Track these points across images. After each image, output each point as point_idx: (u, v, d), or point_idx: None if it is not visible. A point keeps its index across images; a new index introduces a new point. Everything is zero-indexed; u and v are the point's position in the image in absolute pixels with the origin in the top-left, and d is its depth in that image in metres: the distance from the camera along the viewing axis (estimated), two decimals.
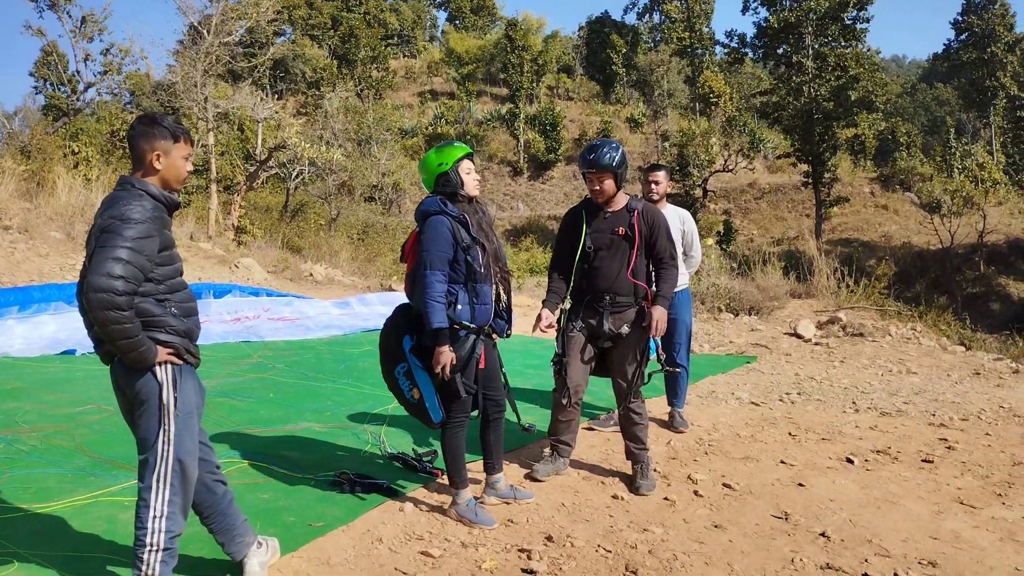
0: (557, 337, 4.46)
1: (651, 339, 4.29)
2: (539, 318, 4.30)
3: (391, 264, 20.12)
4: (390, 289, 13.91)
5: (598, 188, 4.25)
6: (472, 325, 3.74)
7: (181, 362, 2.83)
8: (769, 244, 32.39)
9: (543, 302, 4.45)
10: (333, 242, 21.41)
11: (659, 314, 4.20)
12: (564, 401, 4.40)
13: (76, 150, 18.40)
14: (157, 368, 2.76)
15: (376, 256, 21.44)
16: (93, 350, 2.92)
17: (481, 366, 3.84)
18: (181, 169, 2.89)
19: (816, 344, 9.71)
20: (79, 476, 4.18)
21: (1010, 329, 15.87)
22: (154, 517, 2.78)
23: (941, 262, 29.12)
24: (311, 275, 14.92)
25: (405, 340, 3.80)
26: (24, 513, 3.68)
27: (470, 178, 3.85)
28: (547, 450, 4.64)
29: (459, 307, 3.71)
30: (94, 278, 2.55)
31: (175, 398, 2.80)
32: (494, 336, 3.97)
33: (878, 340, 9.73)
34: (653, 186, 5.45)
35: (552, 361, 4.45)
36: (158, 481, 2.79)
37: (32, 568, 3.18)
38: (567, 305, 4.44)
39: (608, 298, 4.30)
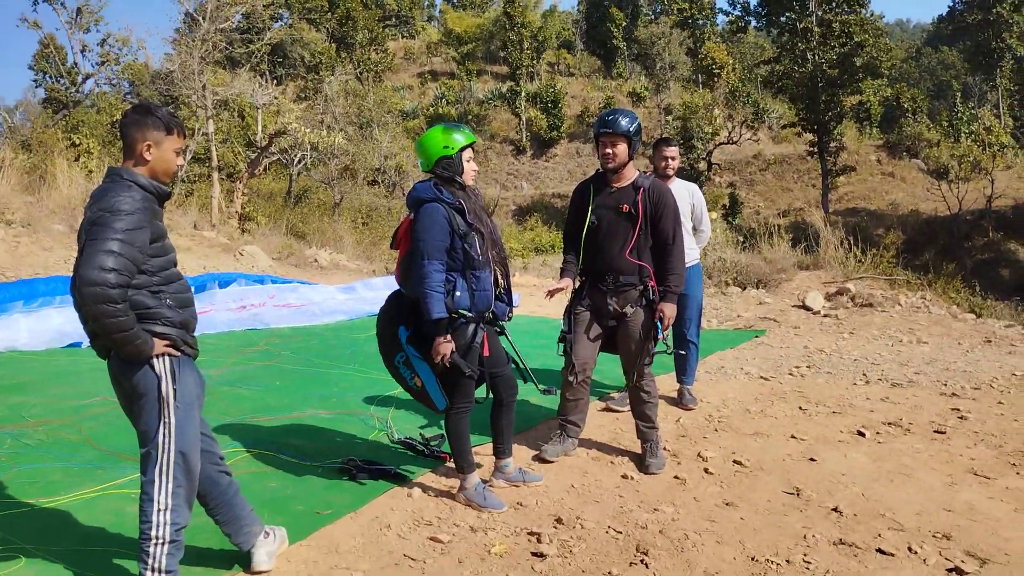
0: (564, 315, 4.43)
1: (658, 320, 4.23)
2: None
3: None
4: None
5: (610, 151, 4.17)
6: (471, 313, 3.69)
7: (179, 354, 2.79)
8: (775, 216, 32.18)
9: (560, 271, 4.45)
10: (337, 227, 21.35)
11: (669, 311, 4.17)
12: (571, 379, 4.37)
13: (77, 142, 18.34)
14: (154, 360, 2.72)
15: (380, 240, 21.35)
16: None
17: (485, 354, 3.79)
18: (171, 162, 2.83)
19: (825, 316, 9.64)
20: (86, 470, 4.16)
21: (1021, 295, 15.73)
22: (158, 510, 2.76)
23: (949, 229, 28.83)
24: (316, 261, 14.89)
25: (400, 331, 3.77)
26: (31, 508, 3.67)
27: (469, 167, 3.78)
28: (556, 430, 4.61)
29: (458, 294, 3.66)
30: (86, 272, 2.50)
31: (174, 390, 2.76)
32: (500, 323, 3.92)
33: (888, 310, 9.65)
34: (670, 161, 5.39)
35: (559, 339, 4.42)
36: (161, 474, 2.77)
37: (39, 563, 3.16)
38: (577, 282, 4.40)
39: (610, 277, 4.25)
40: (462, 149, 3.73)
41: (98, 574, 3.11)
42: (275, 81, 31.87)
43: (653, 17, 53.72)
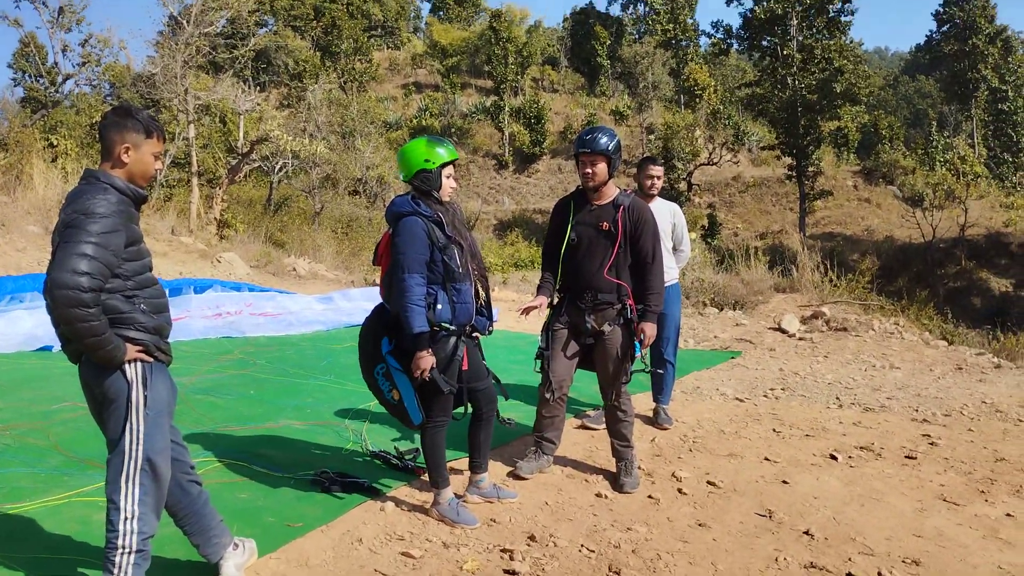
0: (542, 332, 4.42)
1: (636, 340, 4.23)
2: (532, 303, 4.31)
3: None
4: (374, 284, 13.82)
5: (590, 171, 4.17)
6: (453, 326, 3.68)
7: (151, 359, 2.76)
8: (753, 238, 32.53)
9: (538, 288, 4.43)
10: (317, 236, 21.24)
11: (650, 330, 4.16)
12: (547, 396, 4.36)
13: (55, 143, 18.14)
14: (126, 366, 2.69)
15: (360, 250, 21.28)
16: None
17: (464, 367, 3.78)
18: (149, 165, 2.81)
19: (800, 339, 9.72)
20: (53, 476, 4.10)
21: (992, 323, 15.99)
22: (125, 519, 2.71)
23: (923, 256, 29.28)
24: (294, 270, 14.79)
25: (383, 342, 3.75)
26: None
27: (448, 183, 3.77)
28: (531, 447, 4.59)
29: (439, 307, 3.65)
30: (58, 274, 2.47)
31: (145, 396, 2.73)
32: (476, 335, 3.91)
33: (861, 335, 9.75)
34: (656, 180, 5.41)
35: (536, 356, 4.42)
36: (127, 481, 2.72)
37: (1, 571, 3.10)
38: (554, 300, 4.40)
39: (588, 295, 4.23)
40: (443, 165, 3.72)
41: None
42: (258, 87, 31.75)
43: (637, 37, 54.32)
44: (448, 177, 3.75)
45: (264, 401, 5.80)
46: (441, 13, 62.65)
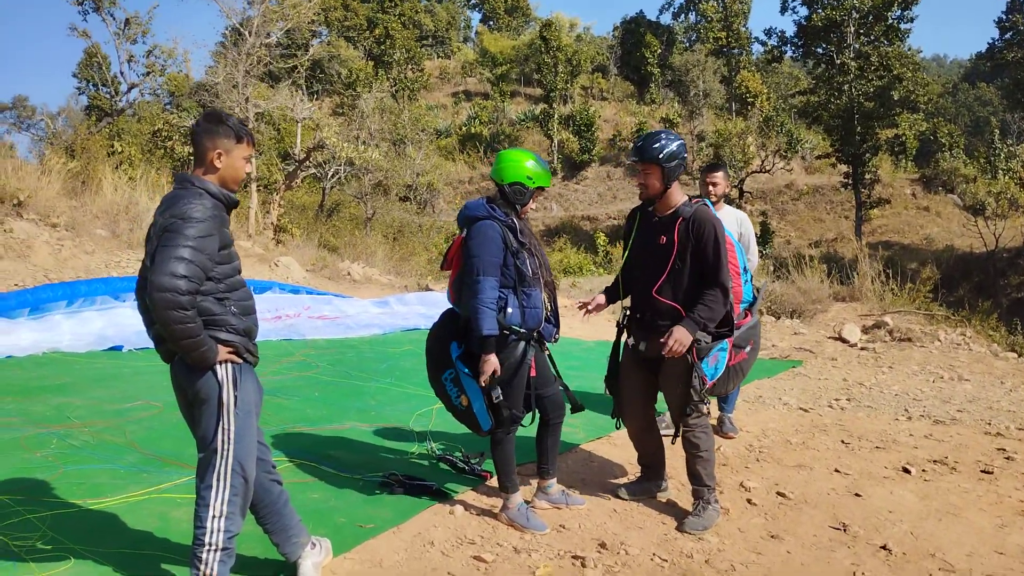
0: (611, 354, 4.22)
1: (705, 363, 3.85)
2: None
3: (425, 264, 20.17)
4: (427, 289, 13.93)
5: (642, 182, 3.84)
6: (523, 330, 3.69)
7: (241, 361, 2.82)
8: (807, 246, 31.92)
9: (605, 289, 4.20)
10: (369, 241, 21.51)
11: (678, 333, 3.66)
12: (617, 428, 4.22)
13: (119, 149, 18.69)
14: (218, 367, 2.75)
15: (411, 256, 21.49)
16: (141, 347, 2.93)
17: (532, 374, 3.77)
18: (240, 170, 2.88)
19: (862, 349, 9.51)
20: (131, 472, 4.20)
21: None
22: (213, 516, 2.77)
23: (985, 266, 28.38)
24: (349, 274, 14.99)
25: (452, 347, 3.76)
26: (78, 509, 3.70)
27: (532, 204, 3.81)
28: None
29: (509, 311, 3.66)
30: (158, 278, 2.53)
31: (235, 397, 2.79)
32: (544, 344, 3.90)
33: (927, 346, 9.50)
34: (712, 188, 5.33)
35: (604, 379, 4.24)
36: (218, 480, 2.78)
37: (88, 565, 3.19)
38: (623, 320, 4.11)
39: (647, 315, 3.89)
40: (539, 188, 3.75)
41: None
42: (311, 96, 32.33)
43: (688, 45, 53.86)
44: (534, 199, 3.78)
45: (328, 403, 5.88)
46: (491, 22, 63.04)
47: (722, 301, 3.74)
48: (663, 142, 3.78)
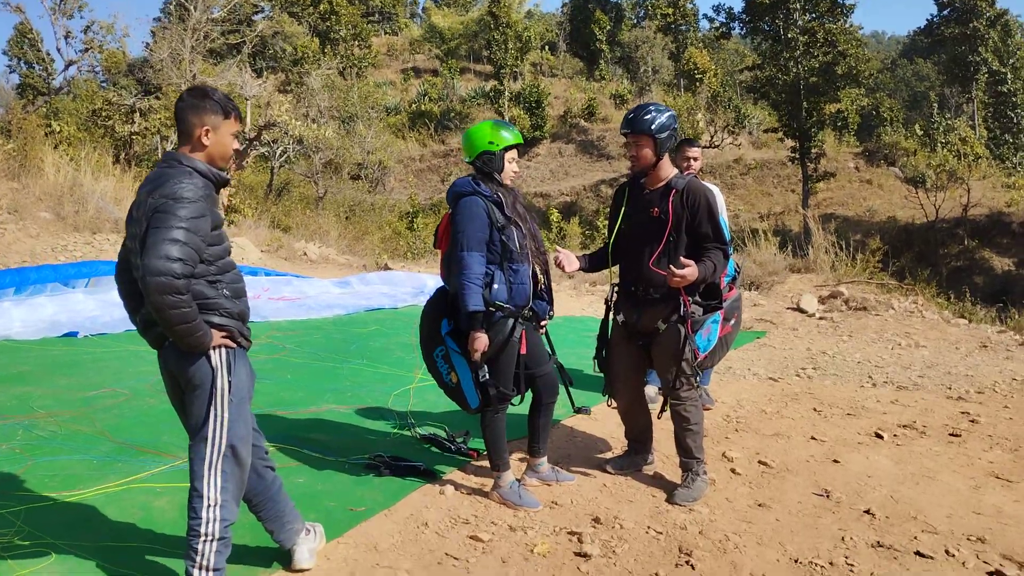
0: (599, 331, 4.18)
1: (699, 335, 3.84)
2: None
3: (379, 243, 19.94)
4: (386, 267, 13.76)
5: (634, 155, 3.80)
6: (509, 306, 3.65)
7: (235, 345, 2.72)
8: (756, 219, 32.44)
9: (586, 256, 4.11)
10: (322, 221, 21.13)
11: (687, 270, 3.56)
12: (609, 405, 4.20)
13: (58, 129, 17.96)
14: (212, 352, 2.65)
15: (364, 235, 21.22)
16: (96, 332, 2.81)
17: (522, 351, 3.74)
18: (228, 146, 2.77)
19: (820, 319, 9.71)
20: (106, 463, 4.06)
21: (1002, 302, 16.00)
22: (208, 506, 2.68)
23: (925, 236, 29.26)
24: (305, 254, 14.72)
25: (443, 323, 3.72)
26: (54, 502, 3.57)
27: (510, 167, 3.76)
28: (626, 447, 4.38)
29: (495, 286, 3.63)
30: (151, 261, 2.41)
31: (229, 383, 2.70)
32: (542, 322, 3.87)
33: (881, 314, 9.74)
34: (693, 163, 5.34)
35: (593, 357, 4.20)
36: (211, 469, 2.69)
37: (71, 559, 3.08)
38: (612, 296, 4.08)
39: (640, 288, 3.86)
40: (507, 148, 3.70)
41: (133, 570, 3.02)
42: (256, 74, 31.47)
43: (637, 21, 53.99)
44: (511, 161, 3.73)
45: (302, 386, 5.77)
46: None
47: (723, 261, 3.76)
48: (654, 114, 3.76)
